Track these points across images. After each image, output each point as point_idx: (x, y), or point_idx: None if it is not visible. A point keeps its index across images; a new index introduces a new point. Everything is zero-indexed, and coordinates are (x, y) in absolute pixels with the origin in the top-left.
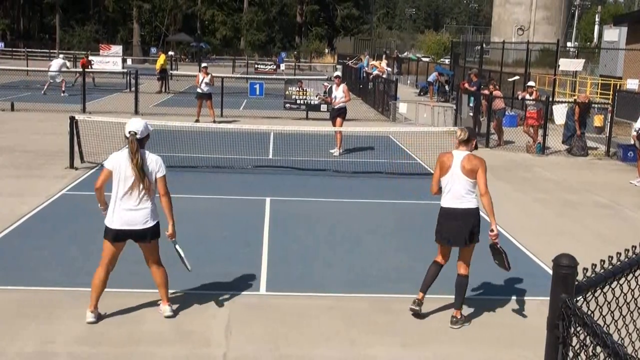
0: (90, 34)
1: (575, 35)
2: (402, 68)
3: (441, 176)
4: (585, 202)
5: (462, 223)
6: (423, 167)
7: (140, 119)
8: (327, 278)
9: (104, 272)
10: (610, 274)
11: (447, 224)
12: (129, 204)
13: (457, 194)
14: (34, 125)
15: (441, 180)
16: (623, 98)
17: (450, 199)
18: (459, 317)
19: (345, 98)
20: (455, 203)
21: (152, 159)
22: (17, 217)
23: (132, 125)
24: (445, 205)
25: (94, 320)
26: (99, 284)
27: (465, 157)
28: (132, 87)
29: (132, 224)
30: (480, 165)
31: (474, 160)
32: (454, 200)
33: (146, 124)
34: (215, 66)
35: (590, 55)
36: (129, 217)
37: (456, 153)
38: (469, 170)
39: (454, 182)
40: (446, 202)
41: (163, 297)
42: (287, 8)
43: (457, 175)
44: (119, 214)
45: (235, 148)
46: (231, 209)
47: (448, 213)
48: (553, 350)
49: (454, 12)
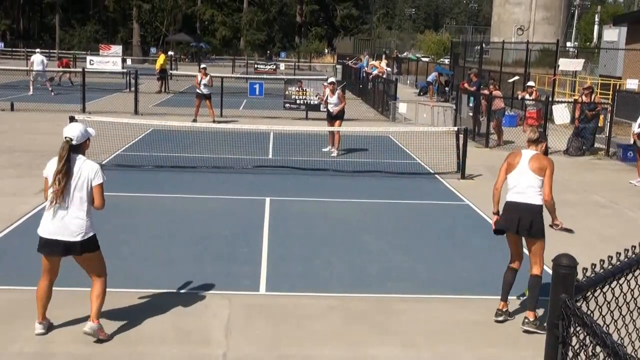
0: (90, 34)
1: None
2: (401, 68)
3: (508, 173)
4: (585, 202)
5: (523, 214)
6: (423, 167)
7: (80, 124)
8: (327, 278)
9: (44, 282)
10: (610, 274)
11: (507, 214)
12: (56, 211)
13: (522, 189)
14: (34, 125)
15: (508, 177)
16: (623, 98)
17: (515, 193)
18: (532, 318)
19: (341, 104)
20: (519, 197)
21: (88, 166)
22: (17, 217)
23: (69, 130)
24: (510, 199)
25: (43, 331)
26: (43, 295)
27: (534, 155)
28: (132, 87)
29: (62, 235)
30: (548, 165)
31: (544, 160)
32: (518, 195)
33: (85, 129)
34: (215, 66)
35: (589, 55)
36: (58, 227)
37: (525, 152)
38: (536, 168)
39: (520, 178)
40: (511, 197)
41: (92, 313)
42: (287, 8)
43: (524, 171)
44: (49, 223)
45: (235, 148)
46: (231, 209)
47: (511, 206)
48: (553, 350)
49: (454, 12)
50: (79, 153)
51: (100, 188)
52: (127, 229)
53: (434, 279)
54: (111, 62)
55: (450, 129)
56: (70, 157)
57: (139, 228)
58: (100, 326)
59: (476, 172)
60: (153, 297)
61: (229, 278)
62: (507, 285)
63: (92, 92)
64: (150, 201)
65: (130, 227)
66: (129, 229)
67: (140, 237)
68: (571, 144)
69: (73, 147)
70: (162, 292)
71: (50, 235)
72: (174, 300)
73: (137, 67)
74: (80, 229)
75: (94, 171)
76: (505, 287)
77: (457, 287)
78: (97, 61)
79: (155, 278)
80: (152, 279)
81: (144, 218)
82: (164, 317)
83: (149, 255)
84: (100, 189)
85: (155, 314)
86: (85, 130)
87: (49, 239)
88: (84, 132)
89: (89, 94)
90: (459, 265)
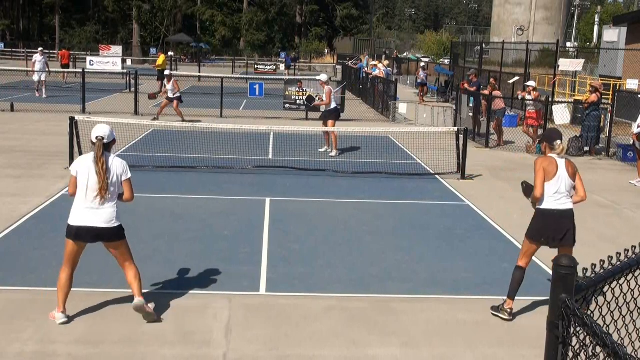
0: (90, 34)
1: (575, 36)
2: (401, 68)
3: (547, 181)
4: (585, 202)
5: (569, 223)
6: (423, 167)
7: (106, 124)
8: (327, 278)
9: (67, 272)
10: (610, 274)
11: (554, 224)
12: (93, 204)
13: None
14: (34, 125)
15: (546, 184)
16: (623, 98)
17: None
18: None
19: (325, 100)
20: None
21: (117, 163)
22: (17, 217)
23: (99, 130)
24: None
25: (66, 319)
26: (65, 285)
27: (566, 161)
28: (132, 88)
29: (95, 222)
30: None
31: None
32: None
33: (112, 130)
34: (215, 66)
35: (589, 55)
36: (92, 216)
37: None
38: (572, 174)
39: (561, 184)
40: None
41: (135, 291)
42: (287, 8)
43: (564, 178)
44: (82, 212)
45: (235, 148)
46: (231, 209)
47: (555, 214)
48: (553, 350)
49: (454, 12)
50: (107, 151)
51: (129, 182)
52: (127, 229)
53: (434, 279)
54: (111, 62)
55: (450, 129)
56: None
57: (139, 228)
58: (145, 302)
59: (476, 172)
60: (153, 297)
61: (229, 278)
62: (519, 284)
63: (92, 92)
64: (150, 201)
65: (130, 227)
66: (129, 229)
67: (140, 237)
68: (571, 144)
69: (105, 145)
70: (162, 292)
71: (84, 223)
72: (174, 300)
73: (137, 67)
74: (112, 218)
75: (123, 167)
76: (517, 285)
77: (457, 287)
78: (97, 61)
79: (155, 278)
80: (152, 279)
81: (144, 218)
82: (164, 317)
83: (149, 255)
84: (129, 183)
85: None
86: (113, 131)
87: (83, 226)
88: (112, 131)
89: (88, 94)
90: (459, 265)
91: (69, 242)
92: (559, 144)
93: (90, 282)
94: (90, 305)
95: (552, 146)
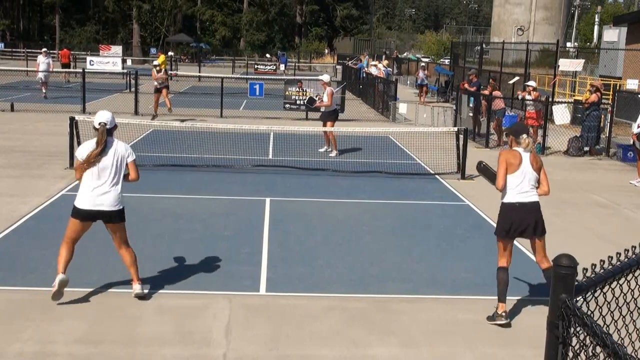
0: (90, 34)
1: (575, 36)
2: (401, 68)
3: (510, 173)
4: (585, 202)
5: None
6: (423, 167)
7: (107, 111)
8: (327, 278)
9: (68, 248)
10: (610, 274)
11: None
12: (99, 188)
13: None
14: (34, 125)
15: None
16: (623, 98)
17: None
18: None
19: (326, 101)
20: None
21: (121, 146)
22: (17, 217)
23: (102, 116)
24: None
25: (65, 277)
26: (67, 254)
27: (531, 155)
28: (132, 88)
29: (101, 205)
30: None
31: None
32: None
33: (113, 116)
34: (215, 66)
35: (590, 55)
36: (99, 199)
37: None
38: (537, 169)
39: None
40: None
41: (134, 277)
42: (287, 8)
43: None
44: (89, 196)
45: (235, 148)
46: (231, 209)
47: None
48: (553, 350)
49: (454, 12)
50: (110, 136)
51: (134, 163)
52: (128, 229)
53: (434, 279)
54: (111, 62)
55: (450, 129)
56: (107, 140)
57: (139, 228)
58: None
59: (476, 172)
60: (153, 297)
61: (229, 278)
62: (506, 285)
63: (92, 92)
64: (150, 201)
65: (130, 227)
66: (129, 229)
67: (140, 237)
68: (571, 144)
69: (108, 130)
70: (162, 292)
71: (90, 206)
72: (174, 300)
73: (137, 67)
74: (117, 201)
75: (127, 150)
76: (504, 287)
77: (457, 287)
78: (97, 61)
79: (155, 278)
80: (152, 279)
81: (144, 218)
82: (164, 317)
83: (149, 255)
84: (134, 164)
85: (156, 314)
86: (113, 117)
87: (89, 209)
88: (113, 117)
89: (89, 94)
90: (459, 265)
91: (75, 222)
92: (524, 138)
93: (90, 282)
94: (90, 305)
95: (518, 140)
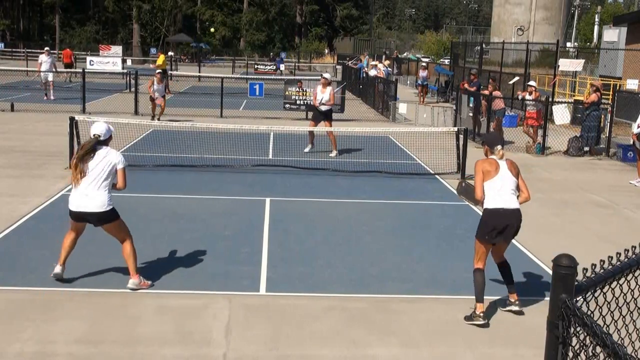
0: (90, 34)
1: (575, 36)
2: (401, 68)
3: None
4: (585, 202)
5: (515, 221)
6: (423, 167)
7: (104, 122)
8: (327, 278)
9: (72, 236)
10: (610, 274)
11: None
12: (85, 190)
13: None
14: (34, 125)
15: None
16: (623, 98)
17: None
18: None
19: (330, 101)
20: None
21: (113, 154)
22: (17, 217)
23: (96, 129)
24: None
25: (60, 271)
26: (69, 244)
27: (507, 162)
28: (132, 88)
29: (88, 207)
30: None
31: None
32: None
33: (108, 128)
34: (215, 66)
35: (589, 55)
36: (86, 201)
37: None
38: (515, 174)
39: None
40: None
41: (129, 271)
42: (287, 8)
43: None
44: (77, 197)
45: (235, 148)
46: (231, 209)
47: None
48: (553, 350)
49: (454, 12)
50: (104, 145)
51: (123, 171)
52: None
53: (434, 279)
54: (111, 62)
55: (450, 129)
56: (95, 148)
57: (139, 228)
58: (141, 279)
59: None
60: (153, 297)
61: (229, 278)
62: (483, 286)
63: (92, 92)
64: (150, 201)
65: (130, 227)
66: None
67: (140, 237)
68: (571, 144)
69: (99, 141)
70: (162, 292)
71: (79, 208)
72: (174, 300)
73: (137, 67)
74: (104, 203)
75: (118, 157)
76: (482, 288)
77: (457, 287)
78: (97, 61)
79: (155, 278)
80: (152, 279)
81: (144, 218)
82: (164, 317)
83: (149, 255)
84: (123, 172)
85: (156, 314)
86: (109, 128)
87: (78, 211)
88: (108, 129)
89: (89, 94)
90: (459, 265)
91: (70, 220)
92: (498, 149)
93: (90, 282)
94: (90, 305)
95: (493, 151)
